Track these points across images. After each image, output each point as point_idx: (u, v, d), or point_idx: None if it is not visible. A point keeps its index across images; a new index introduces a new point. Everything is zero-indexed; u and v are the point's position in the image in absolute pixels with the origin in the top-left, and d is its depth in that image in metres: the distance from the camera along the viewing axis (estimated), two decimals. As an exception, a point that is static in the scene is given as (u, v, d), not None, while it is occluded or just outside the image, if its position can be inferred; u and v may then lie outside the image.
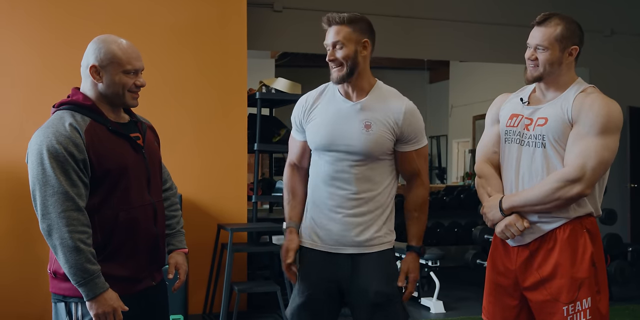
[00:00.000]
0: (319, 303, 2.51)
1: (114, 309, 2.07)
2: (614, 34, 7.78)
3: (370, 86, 2.50)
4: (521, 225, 2.36)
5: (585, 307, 2.32)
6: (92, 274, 2.03)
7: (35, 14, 4.90)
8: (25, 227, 4.78)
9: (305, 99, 2.59)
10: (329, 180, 2.46)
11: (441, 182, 12.64)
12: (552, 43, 2.36)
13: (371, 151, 2.42)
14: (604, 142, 2.28)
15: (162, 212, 2.34)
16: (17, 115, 4.83)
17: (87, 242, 2.04)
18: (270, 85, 5.45)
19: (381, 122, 2.43)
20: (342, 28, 2.45)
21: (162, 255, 2.35)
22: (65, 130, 2.09)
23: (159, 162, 2.37)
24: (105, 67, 2.18)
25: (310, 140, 2.52)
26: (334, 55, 2.42)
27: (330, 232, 2.47)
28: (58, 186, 2.03)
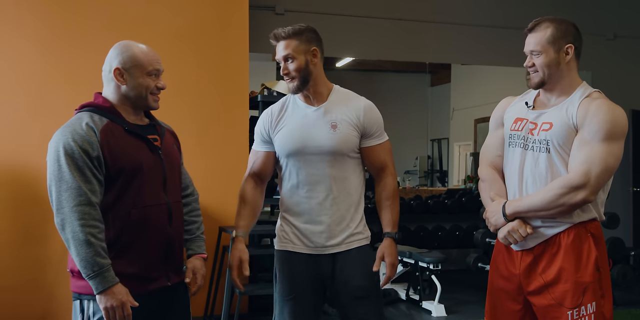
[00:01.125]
0: (305, 303, 2.62)
1: (122, 303, 2.11)
2: (617, 37, 7.77)
3: (328, 90, 2.65)
4: (524, 231, 2.35)
5: (590, 311, 2.30)
6: (101, 267, 2.08)
7: (39, 15, 4.91)
8: (26, 229, 4.78)
9: (269, 112, 2.70)
10: (305, 184, 2.58)
11: (442, 186, 12.62)
12: (544, 46, 2.36)
13: (341, 149, 2.56)
14: (608, 149, 2.27)
15: (178, 213, 2.38)
16: (20, 116, 4.83)
17: (99, 236, 2.10)
18: (271, 88, 5.45)
19: (345, 121, 2.58)
20: (290, 42, 2.54)
21: (178, 257, 2.39)
22: (81, 129, 2.17)
23: (177, 165, 2.43)
24: (128, 69, 2.28)
25: (281, 147, 2.62)
26: (287, 69, 2.54)
27: (312, 235, 2.59)
28: (72, 182, 2.11)
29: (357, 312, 2.59)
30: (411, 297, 5.79)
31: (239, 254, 2.58)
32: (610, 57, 7.72)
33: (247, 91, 5.42)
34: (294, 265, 2.62)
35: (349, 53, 7.75)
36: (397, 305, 5.70)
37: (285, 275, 2.63)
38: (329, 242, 2.57)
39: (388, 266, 2.59)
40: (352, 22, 6.87)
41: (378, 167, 2.66)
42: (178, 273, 2.39)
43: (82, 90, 4.89)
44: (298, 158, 2.57)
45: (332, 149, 2.54)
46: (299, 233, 2.61)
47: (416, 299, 5.67)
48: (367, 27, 6.95)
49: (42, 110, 4.87)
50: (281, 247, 2.67)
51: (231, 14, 5.37)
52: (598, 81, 7.53)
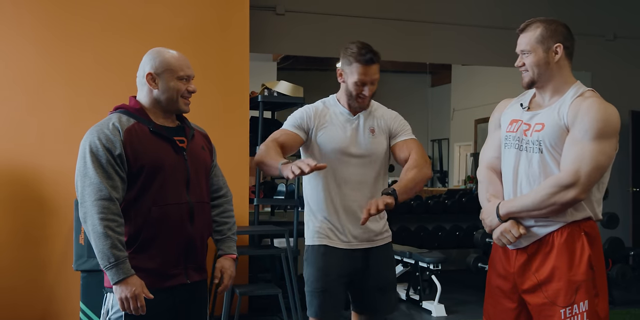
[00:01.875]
0: (337, 297, 2.80)
1: (136, 294, 2.20)
2: (617, 38, 7.78)
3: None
4: (516, 232, 2.37)
5: (583, 310, 2.32)
6: (117, 259, 2.19)
7: (37, 14, 4.92)
8: (25, 230, 4.80)
9: (314, 107, 2.86)
10: (344, 183, 2.77)
11: (443, 186, 12.62)
12: (533, 46, 2.39)
13: (378, 152, 2.81)
14: (599, 147, 2.28)
15: (202, 213, 2.45)
16: (18, 116, 4.84)
17: (117, 230, 2.21)
18: (272, 88, 5.46)
19: (380, 127, 2.85)
20: (378, 66, 2.75)
21: (199, 256, 2.46)
22: (107, 129, 2.29)
23: (203, 167, 2.50)
24: (160, 74, 2.39)
25: (326, 144, 2.77)
26: (370, 91, 2.76)
27: (350, 231, 2.78)
28: (94, 177, 2.22)
29: (376, 301, 2.86)
30: (411, 297, 5.80)
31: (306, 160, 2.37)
32: (610, 57, 7.73)
33: (248, 92, 5.43)
34: (330, 260, 2.78)
35: (349, 53, 7.76)
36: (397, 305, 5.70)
37: (318, 269, 2.78)
38: (364, 238, 2.80)
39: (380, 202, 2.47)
40: (352, 23, 6.88)
41: (405, 157, 2.79)
42: (199, 272, 2.47)
43: (81, 89, 4.93)
44: (339, 157, 2.76)
45: (371, 151, 2.80)
46: (335, 229, 2.79)
47: (416, 299, 5.68)
48: (367, 28, 6.96)
49: (40, 110, 4.88)
50: (317, 242, 2.81)
51: (231, 14, 5.38)
52: (598, 82, 7.54)
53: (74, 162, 2.35)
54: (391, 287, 2.93)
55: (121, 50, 5.00)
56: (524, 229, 2.38)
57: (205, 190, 2.50)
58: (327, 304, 2.78)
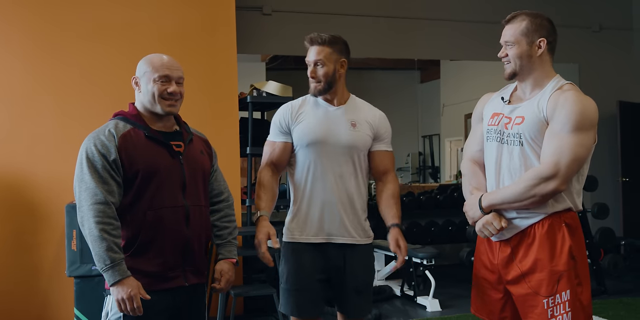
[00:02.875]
0: (313, 293, 2.74)
1: (132, 295, 2.24)
2: (603, 29, 7.83)
3: (346, 98, 2.85)
4: (498, 224, 2.42)
5: (565, 299, 2.37)
6: (113, 261, 2.23)
7: (18, 25, 4.91)
8: (18, 236, 4.79)
9: (290, 105, 2.85)
10: (322, 176, 2.73)
11: (434, 181, 12.65)
12: (517, 38, 2.43)
13: (358, 146, 2.76)
14: (577, 139, 2.32)
15: (199, 217, 2.47)
16: (7, 125, 4.84)
17: (112, 232, 2.25)
18: (261, 89, 5.47)
19: (364, 121, 2.80)
20: (324, 48, 2.71)
21: (197, 259, 2.48)
22: (104, 134, 2.35)
23: (201, 171, 2.53)
24: (141, 77, 2.45)
25: (301, 137, 2.75)
26: (315, 73, 2.73)
27: (327, 223, 2.74)
28: (90, 182, 2.28)
29: (355, 304, 2.78)
30: (406, 293, 5.82)
31: (266, 229, 2.66)
32: (597, 49, 7.78)
33: (236, 93, 5.43)
34: (303, 256, 2.74)
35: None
36: (392, 301, 5.73)
37: (293, 266, 2.74)
38: (340, 232, 2.74)
39: (403, 249, 2.72)
40: (339, 21, 6.89)
41: (381, 171, 2.85)
42: (197, 275, 2.49)
43: (68, 97, 4.94)
44: (317, 149, 2.72)
45: (350, 144, 2.73)
46: (310, 222, 2.74)
47: (411, 295, 5.70)
48: (355, 26, 6.97)
49: (30, 118, 4.87)
50: (290, 238, 2.78)
51: (217, 15, 5.38)
52: (585, 73, 7.60)
53: (64, 168, 2.38)
54: (367, 290, 2.83)
55: (107, 59, 4.99)
56: (505, 221, 2.42)
57: (203, 194, 2.53)
58: (302, 302, 2.73)
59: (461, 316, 5.07)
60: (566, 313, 2.36)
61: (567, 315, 2.36)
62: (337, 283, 2.76)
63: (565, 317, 2.36)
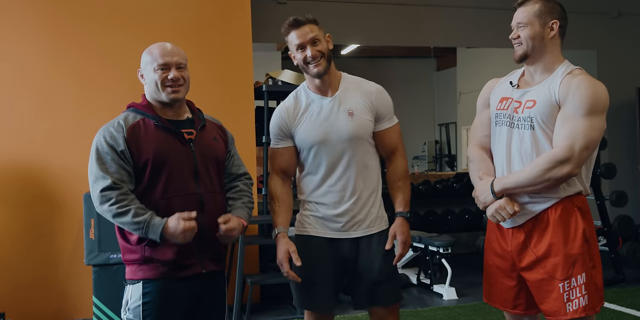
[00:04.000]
0: (327, 288, 2.67)
1: (184, 230, 2.25)
2: (621, 15, 7.73)
3: (338, 80, 2.71)
4: (511, 209, 2.41)
5: (581, 282, 2.37)
6: (145, 221, 2.26)
7: (42, 16, 4.95)
8: (37, 227, 4.84)
9: (284, 109, 2.74)
10: (328, 171, 2.65)
11: (451, 170, 12.62)
12: (530, 19, 2.42)
13: (360, 135, 2.64)
14: (591, 123, 2.32)
15: (213, 203, 2.46)
16: (26, 114, 4.88)
17: (130, 204, 2.27)
18: (276, 78, 5.46)
19: (360, 106, 2.66)
20: (312, 26, 2.61)
21: (215, 245, 2.47)
22: (113, 126, 2.38)
23: (214, 157, 2.51)
24: (144, 70, 2.47)
25: (303, 141, 2.67)
26: (315, 51, 2.59)
27: (335, 219, 2.65)
28: (97, 173, 2.31)
29: (372, 296, 2.65)
30: (422, 281, 5.83)
31: (286, 247, 2.62)
32: (615, 35, 7.68)
33: (252, 82, 5.43)
34: (315, 250, 2.67)
35: (353, 40, 7.74)
36: (408, 289, 5.73)
37: (306, 260, 2.63)
38: (352, 226, 2.65)
39: (400, 244, 2.66)
40: (354, 9, 6.86)
41: (389, 149, 2.74)
42: (215, 261, 2.50)
43: (86, 87, 4.96)
44: (321, 148, 2.64)
45: (351, 135, 2.62)
46: (321, 218, 2.66)
47: (427, 283, 5.71)
48: (370, 13, 6.94)
49: (48, 108, 4.91)
50: (301, 232, 2.72)
51: (233, 4, 5.37)
52: (603, 60, 7.51)
53: (81, 158, 2.41)
54: (390, 279, 2.67)
55: (125, 46, 5.01)
56: (518, 206, 2.41)
57: (217, 181, 2.52)
58: (315, 297, 2.67)
59: (477, 304, 5.07)
60: (582, 296, 2.36)
61: (584, 298, 2.37)
62: (352, 276, 2.69)
63: (582, 300, 2.36)
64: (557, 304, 2.39)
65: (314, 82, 2.68)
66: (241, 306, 4.73)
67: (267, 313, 4.97)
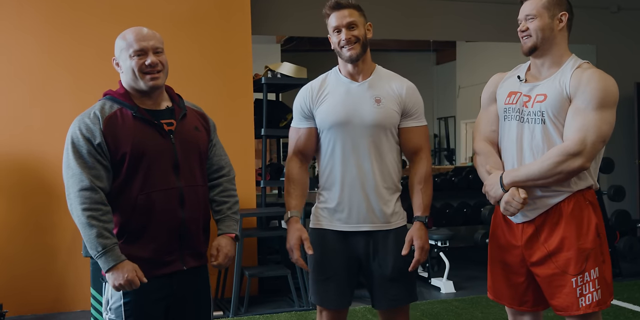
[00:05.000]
0: (342, 283, 2.61)
1: (129, 280, 2.16)
2: (621, 10, 7.71)
3: (371, 69, 2.66)
4: (519, 198, 2.37)
5: (594, 277, 2.36)
6: (104, 247, 2.15)
7: (39, 8, 4.94)
8: (37, 217, 4.85)
9: (310, 87, 2.68)
10: (346, 159, 2.57)
11: (450, 164, 12.63)
12: (540, 11, 2.41)
13: (384, 123, 2.56)
14: (602, 116, 2.31)
15: (194, 197, 2.35)
16: (23, 105, 4.88)
17: (102, 218, 2.16)
18: (275, 70, 5.45)
19: (389, 95, 2.59)
20: (353, 11, 2.58)
21: (196, 241, 2.37)
22: (88, 117, 2.25)
23: (196, 149, 2.39)
24: (119, 57, 2.33)
25: (324, 120, 2.60)
26: (350, 34, 2.55)
27: (351, 211, 2.57)
28: (75, 168, 2.19)
29: (388, 294, 2.60)
30: (420, 274, 5.84)
31: (298, 233, 2.57)
32: (614, 30, 7.67)
33: (251, 74, 5.43)
34: (329, 244, 2.60)
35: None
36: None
37: (320, 254, 2.60)
38: (367, 219, 2.57)
39: (417, 249, 2.56)
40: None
41: (413, 149, 2.65)
42: (196, 257, 2.39)
43: (83, 80, 4.96)
44: (340, 131, 2.56)
45: (375, 122, 2.54)
46: (336, 209, 2.59)
47: (425, 277, 5.72)
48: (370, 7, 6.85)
49: (45, 99, 4.91)
50: (315, 225, 2.65)
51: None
52: (602, 55, 7.50)
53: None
54: (404, 277, 2.59)
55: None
56: (524, 192, 2.38)
57: (199, 173, 2.40)
58: (328, 293, 2.60)
59: (475, 298, 5.09)
60: (596, 291, 2.36)
61: (597, 293, 2.36)
62: (365, 272, 2.63)
63: (595, 295, 2.35)
64: (569, 299, 2.37)
65: (346, 67, 2.62)
66: (239, 298, 4.74)
67: (265, 305, 4.98)
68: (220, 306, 4.95)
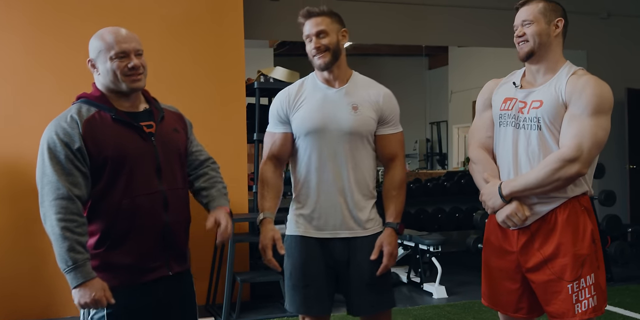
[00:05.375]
0: (321, 290, 2.60)
1: (96, 300, 2.07)
2: (611, 16, 7.76)
3: (348, 76, 2.67)
4: (523, 215, 2.39)
5: (590, 283, 2.37)
6: (75, 262, 2.06)
7: (26, 11, 4.91)
8: (26, 220, 4.82)
9: (287, 93, 2.68)
10: (322, 166, 2.57)
11: (442, 168, 12.64)
12: (536, 16, 2.42)
13: (360, 131, 2.57)
14: (597, 122, 2.32)
15: (178, 201, 2.30)
16: (8, 109, 4.86)
17: (76, 230, 2.07)
18: (268, 75, 5.46)
19: (367, 102, 2.60)
20: (324, 18, 2.59)
21: (180, 246, 2.33)
22: (65, 121, 2.15)
23: (176, 151, 2.34)
24: (97, 58, 2.24)
25: (300, 126, 2.60)
26: (320, 43, 2.56)
27: (327, 218, 2.58)
28: (52, 175, 2.10)
29: (366, 300, 2.60)
30: (412, 279, 5.84)
31: (271, 233, 2.57)
32: (605, 36, 7.72)
33: (244, 79, 5.43)
34: (306, 251, 2.60)
35: (345, 38, 7.74)
36: (398, 288, 5.74)
37: (297, 261, 2.60)
38: (343, 226, 2.58)
39: (386, 255, 2.58)
40: (347, 7, 6.84)
41: (388, 156, 2.67)
42: (180, 262, 2.35)
43: (68, 83, 4.93)
44: (316, 137, 2.56)
45: (352, 129, 2.55)
46: (313, 216, 2.59)
47: (417, 282, 5.72)
48: (363, 11, 6.93)
49: (30, 103, 4.88)
50: (293, 232, 2.65)
51: (225, 1, 5.35)
52: (593, 60, 7.54)
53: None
54: (380, 282, 2.61)
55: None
56: (529, 211, 2.40)
57: (180, 176, 2.35)
58: (309, 299, 2.59)
59: (467, 303, 5.09)
60: (592, 297, 2.36)
61: (593, 299, 2.36)
62: (343, 278, 2.61)
63: (591, 301, 2.36)
64: (565, 306, 2.37)
65: (322, 73, 2.63)
66: (231, 304, 4.72)
67: (257, 311, 4.96)
68: (211, 312, 4.93)
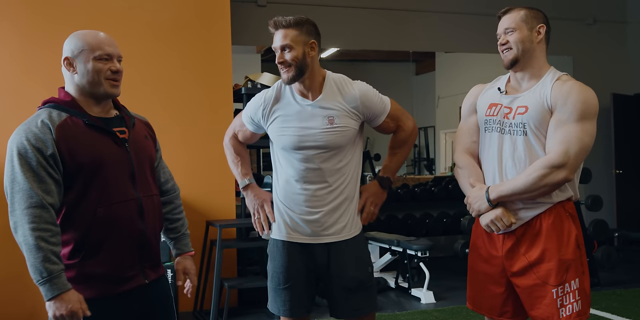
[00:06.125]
0: (301, 292, 2.63)
1: (72, 311, 2.00)
2: (597, 22, 7.83)
3: (321, 81, 2.61)
4: (508, 221, 2.41)
5: (574, 288, 2.38)
6: (50, 273, 1.97)
7: (12, 20, 4.88)
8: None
9: (263, 100, 2.65)
10: (301, 176, 2.58)
11: (429, 173, 12.68)
12: (518, 24, 2.45)
13: (338, 143, 2.56)
14: (583, 128, 2.34)
15: (152, 208, 2.26)
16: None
17: (50, 240, 1.99)
18: (255, 80, 5.46)
19: (343, 111, 2.57)
20: (290, 31, 2.51)
21: (154, 253, 2.30)
22: (36, 126, 2.07)
23: (148, 158, 2.31)
24: (77, 56, 2.17)
25: (276, 140, 2.62)
26: (283, 58, 2.51)
27: (306, 225, 2.60)
28: (23, 183, 2.00)
29: (347, 305, 2.62)
30: (400, 285, 5.84)
31: (262, 196, 2.66)
32: (590, 41, 7.79)
33: (231, 84, 5.42)
34: (289, 255, 2.63)
35: (333, 44, 7.76)
36: (386, 293, 5.74)
37: (279, 264, 2.63)
38: (323, 232, 2.59)
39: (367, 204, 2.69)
40: (334, 13, 6.88)
41: (394, 129, 2.75)
42: (155, 269, 2.31)
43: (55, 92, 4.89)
44: (293, 152, 2.57)
45: (328, 143, 2.54)
46: (293, 223, 2.61)
47: (405, 287, 5.72)
48: (350, 18, 6.96)
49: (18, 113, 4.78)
50: (276, 236, 2.67)
51: (213, 7, 5.36)
52: (579, 66, 7.60)
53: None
54: (362, 286, 2.62)
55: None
56: (514, 218, 2.42)
57: (153, 183, 2.31)
58: (290, 301, 2.62)
59: (455, 308, 5.09)
60: (576, 302, 2.37)
61: (578, 304, 2.37)
62: (325, 282, 2.64)
63: (576, 305, 2.37)
64: (549, 310, 2.38)
65: (296, 84, 2.59)
66: (218, 310, 4.70)
67: (245, 317, 4.95)
68: (199, 318, 4.91)
